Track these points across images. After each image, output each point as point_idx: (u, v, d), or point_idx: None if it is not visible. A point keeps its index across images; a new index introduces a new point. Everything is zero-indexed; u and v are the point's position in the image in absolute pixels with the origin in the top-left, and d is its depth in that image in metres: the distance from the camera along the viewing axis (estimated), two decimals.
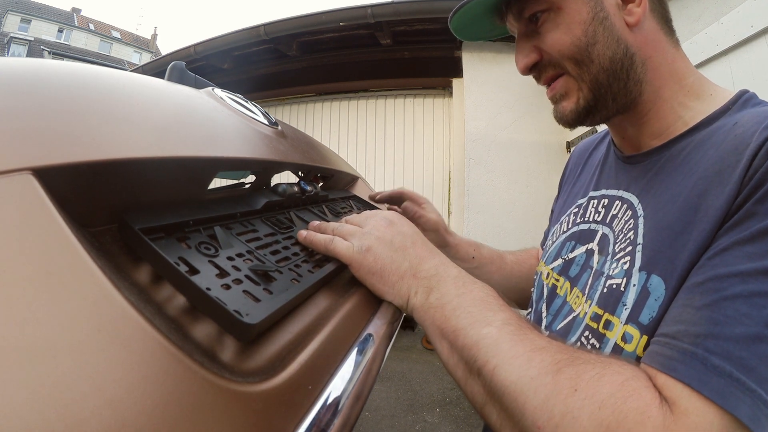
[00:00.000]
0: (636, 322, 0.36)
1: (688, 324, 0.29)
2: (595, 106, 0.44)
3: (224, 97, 0.48)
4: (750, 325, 0.27)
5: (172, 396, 0.16)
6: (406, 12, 2.86)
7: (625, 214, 0.44)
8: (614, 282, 0.40)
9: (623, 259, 0.40)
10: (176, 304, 0.22)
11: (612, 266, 0.42)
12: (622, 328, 0.37)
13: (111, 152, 0.23)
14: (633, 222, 0.42)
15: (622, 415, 0.26)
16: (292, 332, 0.25)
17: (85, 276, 0.17)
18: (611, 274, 0.41)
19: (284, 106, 4.13)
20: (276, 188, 0.43)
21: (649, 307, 0.35)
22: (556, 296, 0.51)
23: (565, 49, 0.42)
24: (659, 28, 0.44)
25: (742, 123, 0.37)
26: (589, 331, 0.41)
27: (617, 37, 0.41)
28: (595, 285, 0.43)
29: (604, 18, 0.41)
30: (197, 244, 0.25)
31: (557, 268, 0.54)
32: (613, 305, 0.39)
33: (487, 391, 0.31)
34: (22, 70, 0.26)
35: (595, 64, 0.41)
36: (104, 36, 26.58)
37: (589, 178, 0.58)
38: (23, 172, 0.18)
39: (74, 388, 0.14)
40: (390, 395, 2.48)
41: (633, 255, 0.39)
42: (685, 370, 0.27)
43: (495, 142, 3.02)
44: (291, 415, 0.20)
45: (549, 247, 0.59)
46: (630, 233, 0.42)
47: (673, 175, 0.40)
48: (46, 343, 0.14)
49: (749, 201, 0.31)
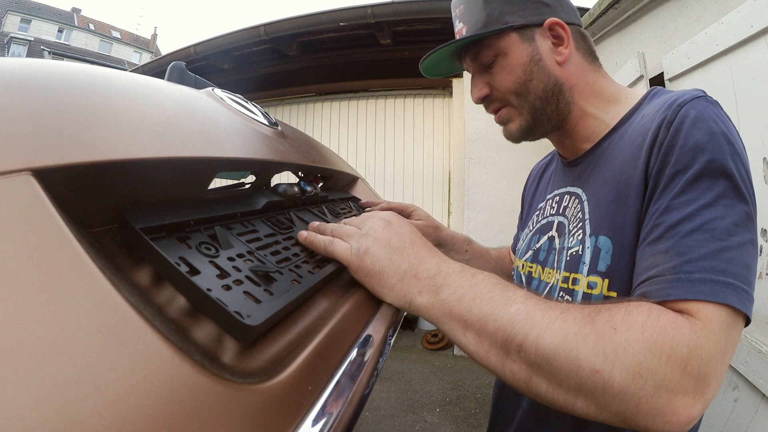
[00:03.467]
0: (596, 271, 0.47)
1: (663, 264, 0.37)
2: (534, 126, 0.56)
3: (224, 98, 0.48)
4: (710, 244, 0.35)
5: (171, 396, 0.16)
6: (406, 12, 2.86)
7: (574, 203, 0.56)
8: (573, 250, 0.51)
9: (577, 233, 0.51)
10: (176, 305, 0.22)
11: (569, 240, 0.53)
12: (585, 280, 0.48)
13: (111, 153, 0.23)
14: (580, 206, 0.54)
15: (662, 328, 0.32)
16: (292, 332, 0.25)
17: (85, 277, 0.17)
18: (570, 246, 0.52)
19: (284, 106, 4.13)
20: (276, 188, 0.42)
21: (603, 259, 0.46)
22: (533, 279, 0.61)
23: (509, 86, 0.54)
24: (584, 60, 0.56)
25: (646, 113, 0.48)
26: (563, 291, 0.51)
27: (548, 72, 0.53)
28: (561, 258, 0.54)
29: (538, 60, 0.53)
30: (198, 244, 0.25)
31: (529, 258, 0.63)
32: (575, 266, 0.50)
33: (531, 363, 0.33)
34: (22, 70, 0.26)
35: (531, 95, 0.54)
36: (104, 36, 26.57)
37: (545, 186, 0.70)
38: (23, 172, 0.18)
39: (74, 389, 0.14)
40: (390, 395, 2.48)
41: (583, 227, 0.50)
42: (679, 291, 0.35)
43: (495, 142, 3.01)
44: (291, 416, 0.20)
45: (521, 246, 0.69)
46: (579, 214, 0.53)
47: (603, 165, 0.52)
48: (46, 344, 0.14)
49: (667, 166, 0.40)
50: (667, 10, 1.80)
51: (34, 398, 0.13)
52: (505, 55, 0.53)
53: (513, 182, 2.96)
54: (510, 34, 0.53)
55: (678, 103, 0.43)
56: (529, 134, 0.57)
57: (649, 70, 1.85)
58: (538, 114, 0.55)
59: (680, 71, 1.61)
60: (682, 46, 1.62)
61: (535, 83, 0.53)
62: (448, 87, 3.61)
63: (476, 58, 0.56)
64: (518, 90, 0.54)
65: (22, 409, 0.12)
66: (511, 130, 0.58)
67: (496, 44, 0.53)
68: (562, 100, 0.55)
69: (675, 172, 0.40)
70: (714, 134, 0.39)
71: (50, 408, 0.13)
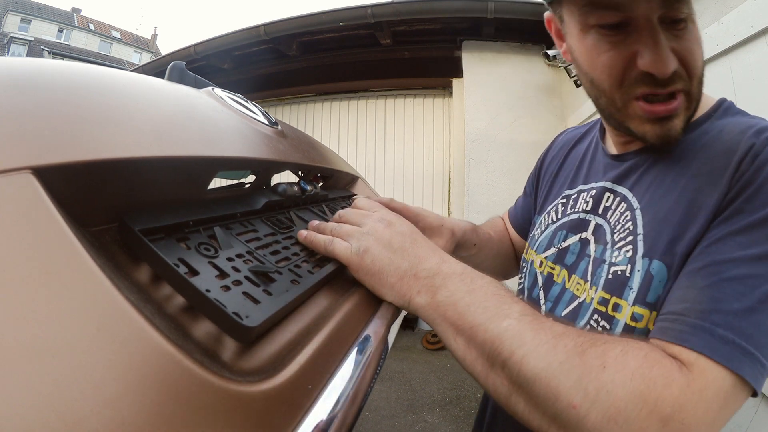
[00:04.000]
0: (644, 302, 0.41)
1: (693, 302, 0.34)
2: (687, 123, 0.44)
3: (224, 97, 0.48)
4: (746, 301, 0.32)
5: (171, 395, 0.16)
6: (406, 12, 2.86)
7: (620, 206, 0.48)
8: (618, 268, 0.44)
9: (625, 248, 0.45)
10: (175, 304, 0.22)
11: (614, 254, 0.46)
12: (630, 309, 0.42)
13: (111, 152, 0.23)
14: (630, 214, 0.46)
15: (651, 381, 0.29)
16: (292, 332, 0.25)
17: (85, 274, 0.17)
18: (614, 262, 0.45)
19: (284, 106, 4.12)
20: (276, 188, 0.42)
21: (654, 289, 0.41)
22: (554, 284, 0.55)
23: (700, 67, 0.41)
24: None
25: (728, 131, 0.43)
26: (598, 315, 0.45)
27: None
28: (598, 272, 0.47)
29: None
30: (197, 245, 0.25)
31: (551, 257, 0.56)
32: (620, 289, 0.43)
33: (513, 382, 0.32)
34: (21, 69, 0.26)
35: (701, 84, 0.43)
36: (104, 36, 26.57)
37: (573, 170, 0.61)
38: (23, 171, 0.18)
39: (73, 387, 0.14)
40: (390, 395, 2.48)
41: (635, 244, 0.44)
42: (697, 340, 0.32)
43: (495, 142, 3.01)
44: (291, 415, 0.20)
45: (538, 236, 0.61)
46: (628, 224, 0.46)
47: (666, 172, 0.45)
48: (45, 342, 0.14)
49: (738, 199, 0.37)
50: None
51: (32, 396, 0.13)
52: (694, 23, 0.40)
53: (513, 182, 2.95)
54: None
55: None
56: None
57: None
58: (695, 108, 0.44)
59: None
60: None
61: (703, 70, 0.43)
62: (448, 87, 3.61)
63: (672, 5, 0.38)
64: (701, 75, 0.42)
65: (21, 406, 0.12)
66: (676, 128, 0.43)
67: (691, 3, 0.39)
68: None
69: (742, 208, 0.36)
70: None
71: (49, 406, 0.13)
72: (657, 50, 0.38)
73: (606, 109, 0.46)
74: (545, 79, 2.98)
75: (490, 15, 2.72)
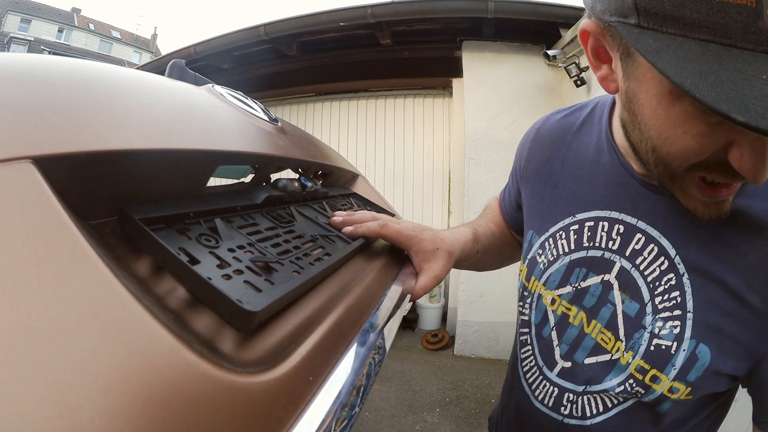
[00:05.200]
0: (684, 379, 0.41)
1: None
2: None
3: (224, 93, 0.48)
4: None
5: (169, 385, 0.16)
6: (406, 12, 2.87)
7: (658, 261, 0.43)
8: (663, 343, 0.43)
9: (672, 322, 0.42)
10: (176, 296, 0.22)
11: (657, 324, 0.43)
12: (669, 384, 0.42)
13: (111, 143, 0.23)
14: (675, 279, 0.42)
15: None
16: (293, 323, 0.25)
17: (84, 263, 0.17)
18: (658, 334, 0.43)
19: (284, 106, 4.13)
20: (276, 183, 0.42)
21: (696, 370, 0.41)
22: (569, 325, 0.51)
23: None
24: None
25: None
26: (634, 381, 0.45)
27: None
28: (636, 337, 0.45)
29: None
30: (198, 236, 0.25)
31: (567, 296, 0.51)
32: (663, 365, 0.43)
33: None
34: (23, 62, 0.26)
35: None
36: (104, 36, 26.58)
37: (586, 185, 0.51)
38: (23, 160, 0.18)
39: (68, 374, 0.13)
40: (390, 395, 2.48)
41: (683, 321, 0.42)
42: None
43: (495, 142, 3.02)
44: (292, 406, 0.20)
45: (545, 266, 0.54)
46: (675, 293, 0.42)
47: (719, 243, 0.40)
48: (41, 328, 0.14)
49: None
50: None
51: (27, 383, 0.13)
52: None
53: None
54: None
55: None
56: None
57: None
58: None
59: None
60: None
61: None
62: (448, 87, 3.61)
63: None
64: None
65: (14, 392, 0.12)
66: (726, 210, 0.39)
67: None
68: None
69: None
70: None
71: (43, 393, 0.13)
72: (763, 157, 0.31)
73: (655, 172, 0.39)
74: (545, 79, 2.99)
75: (490, 15, 2.72)
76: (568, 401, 0.51)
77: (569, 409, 0.51)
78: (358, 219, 0.47)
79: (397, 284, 0.43)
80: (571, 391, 0.51)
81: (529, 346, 0.58)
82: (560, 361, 0.52)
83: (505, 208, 0.73)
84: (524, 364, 0.58)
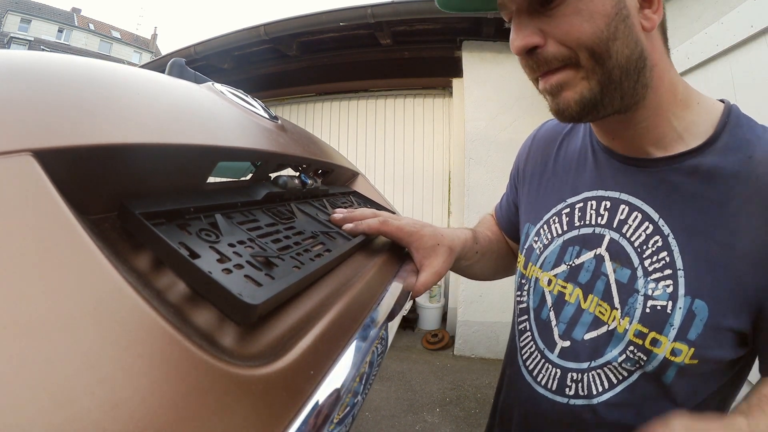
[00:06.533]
0: (684, 339, 0.41)
1: None
2: (601, 101, 0.42)
3: (224, 91, 0.48)
4: None
5: (169, 378, 0.16)
6: (406, 12, 2.87)
7: (642, 225, 0.46)
8: (658, 304, 0.43)
9: (664, 281, 0.43)
10: (176, 290, 0.22)
11: (649, 286, 0.44)
12: (670, 345, 0.42)
13: (111, 137, 0.23)
14: (661, 241, 0.44)
15: None
16: (294, 317, 0.25)
17: (84, 255, 0.17)
18: (652, 295, 0.44)
19: (284, 106, 4.13)
20: (277, 180, 0.42)
21: (695, 327, 0.41)
22: (566, 303, 0.52)
23: (585, 38, 0.39)
24: (662, 40, 0.45)
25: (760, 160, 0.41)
26: (634, 347, 0.45)
27: (635, 38, 0.41)
28: (631, 302, 0.45)
29: (626, 16, 0.40)
30: (198, 231, 0.25)
31: (562, 275, 0.52)
32: (660, 325, 0.43)
33: None
34: (24, 58, 0.26)
35: (612, 60, 0.40)
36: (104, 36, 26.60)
37: (573, 172, 0.55)
38: (23, 153, 0.18)
39: (66, 366, 0.13)
40: (390, 395, 2.48)
41: (675, 279, 0.43)
42: None
43: (495, 142, 3.02)
44: (292, 400, 0.20)
45: (541, 251, 0.56)
46: (663, 254, 0.44)
47: (699, 201, 0.43)
48: (39, 320, 0.14)
49: None
50: (667, 10, 1.79)
51: (24, 374, 0.13)
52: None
53: None
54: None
55: None
56: (591, 110, 0.43)
57: None
58: (611, 87, 0.41)
59: (680, 71, 1.61)
60: (682, 46, 1.63)
61: (620, 46, 0.40)
62: (448, 87, 3.61)
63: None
64: (596, 47, 0.39)
65: (11, 383, 0.12)
66: (569, 101, 0.42)
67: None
68: (641, 79, 0.42)
69: None
70: None
71: (40, 384, 0.13)
72: (512, 33, 0.42)
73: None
74: None
75: (490, 15, 2.72)
76: (572, 381, 0.50)
77: (574, 389, 0.50)
78: (359, 216, 0.48)
79: (398, 281, 0.43)
80: (574, 370, 0.50)
81: (528, 333, 0.57)
82: (559, 341, 0.52)
83: (501, 214, 0.75)
84: (524, 352, 0.57)
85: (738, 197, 0.41)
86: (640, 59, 0.41)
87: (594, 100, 0.42)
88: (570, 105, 0.42)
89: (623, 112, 0.45)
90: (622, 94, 0.42)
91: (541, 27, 0.40)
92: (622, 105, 0.43)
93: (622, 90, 0.42)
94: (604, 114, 0.44)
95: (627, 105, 0.44)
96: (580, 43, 0.39)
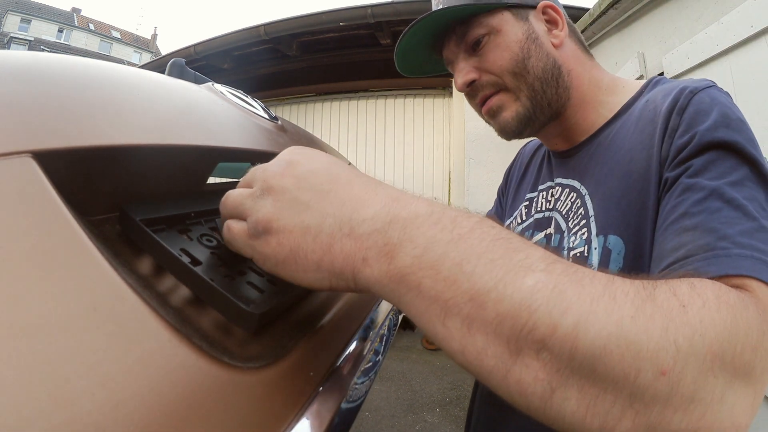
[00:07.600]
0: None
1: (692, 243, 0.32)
2: (534, 113, 0.50)
3: (224, 92, 0.48)
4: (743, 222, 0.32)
5: (169, 378, 0.16)
6: (406, 12, 2.87)
7: (569, 196, 0.52)
8: (577, 251, 0.46)
9: (580, 232, 0.47)
10: (177, 292, 0.22)
11: (571, 239, 0.48)
12: None
13: (111, 138, 0.22)
14: (580, 201, 0.49)
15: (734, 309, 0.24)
16: (294, 319, 0.25)
17: (84, 256, 0.17)
18: (572, 246, 0.47)
19: (284, 106, 4.13)
20: None
21: (614, 261, 0.42)
22: None
23: (505, 63, 0.49)
24: (577, 47, 0.53)
25: (652, 99, 0.46)
26: None
27: (546, 52, 0.50)
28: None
29: (535, 38, 0.49)
30: (199, 236, 0.25)
31: None
32: None
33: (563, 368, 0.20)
34: (24, 59, 0.26)
35: (530, 75, 0.49)
36: (104, 36, 26.60)
37: (534, 175, 0.65)
38: (23, 154, 0.18)
39: (66, 367, 0.13)
40: (390, 395, 2.48)
41: (588, 226, 0.46)
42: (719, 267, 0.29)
43: (495, 142, 3.02)
44: (292, 401, 0.20)
45: None
46: (580, 210, 0.48)
47: (604, 155, 0.48)
48: (39, 320, 0.14)
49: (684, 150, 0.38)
50: (667, 10, 1.80)
51: (24, 374, 0.13)
52: (498, 32, 0.49)
53: None
54: (503, 12, 0.49)
55: (690, 90, 0.41)
56: (527, 123, 0.51)
57: (649, 70, 1.85)
58: (538, 98, 0.50)
59: (680, 71, 1.61)
60: (682, 46, 1.62)
61: (534, 61, 0.49)
62: (448, 87, 3.61)
63: (463, 38, 0.50)
64: (515, 68, 0.49)
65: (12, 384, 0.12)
66: (507, 119, 0.51)
67: (487, 22, 0.49)
68: (561, 83, 0.50)
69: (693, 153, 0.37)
70: (732, 119, 0.38)
71: (41, 385, 0.13)
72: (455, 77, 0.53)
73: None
74: None
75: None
76: None
77: None
78: None
79: None
80: None
81: None
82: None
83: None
84: None
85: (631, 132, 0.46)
86: (554, 68, 0.50)
87: (528, 114, 0.50)
88: (509, 122, 0.51)
89: (556, 118, 0.53)
90: (549, 101, 0.50)
91: (474, 65, 0.51)
92: (551, 112, 0.51)
93: (547, 97, 0.50)
94: (540, 125, 0.52)
95: (556, 110, 0.52)
96: (502, 69, 0.49)
